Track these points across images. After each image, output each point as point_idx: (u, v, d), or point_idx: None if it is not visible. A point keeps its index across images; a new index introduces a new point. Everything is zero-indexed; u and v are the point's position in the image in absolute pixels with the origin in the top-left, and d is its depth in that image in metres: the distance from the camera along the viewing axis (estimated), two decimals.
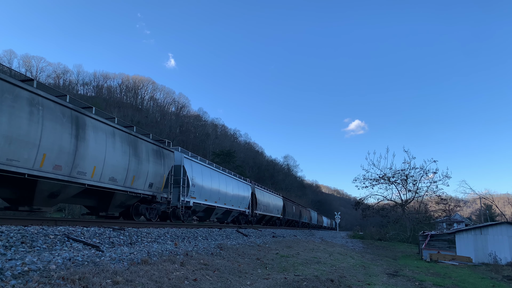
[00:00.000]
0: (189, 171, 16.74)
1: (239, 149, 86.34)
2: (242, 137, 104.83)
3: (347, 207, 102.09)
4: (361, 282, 8.06)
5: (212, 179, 19.57)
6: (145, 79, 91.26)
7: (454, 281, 10.27)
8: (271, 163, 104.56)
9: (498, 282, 11.29)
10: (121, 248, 7.27)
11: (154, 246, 8.27)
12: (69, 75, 79.44)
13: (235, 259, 8.83)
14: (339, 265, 11.00)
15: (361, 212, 40.57)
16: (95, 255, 5.99)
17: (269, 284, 6.52)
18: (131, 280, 4.89)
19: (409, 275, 10.78)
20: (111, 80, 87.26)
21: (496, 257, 17.06)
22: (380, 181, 38.41)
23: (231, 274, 6.93)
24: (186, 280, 5.65)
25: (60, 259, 5.23)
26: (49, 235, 6.54)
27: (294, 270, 8.67)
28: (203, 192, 18.13)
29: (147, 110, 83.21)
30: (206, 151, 68.15)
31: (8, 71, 9.15)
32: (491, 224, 18.62)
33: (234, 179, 23.67)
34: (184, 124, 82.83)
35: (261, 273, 7.71)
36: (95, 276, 4.66)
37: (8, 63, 62.95)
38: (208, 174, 19.10)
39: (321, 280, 7.04)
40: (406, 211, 37.24)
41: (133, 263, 5.95)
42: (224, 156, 61.00)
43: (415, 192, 37.25)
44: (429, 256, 17.61)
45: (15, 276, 4.18)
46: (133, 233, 9.00)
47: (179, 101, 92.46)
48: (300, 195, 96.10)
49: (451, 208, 38.73)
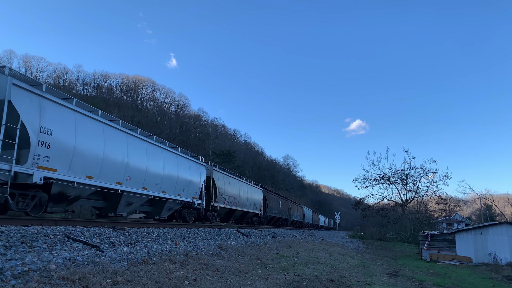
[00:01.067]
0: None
1: (239, 149, 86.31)
2: (242, 137, 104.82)
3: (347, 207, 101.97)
4: (361, 282, 8.06)
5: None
6: (145, 79, 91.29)
7: (454, 281, 10.27)
8: (271, 163, 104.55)
9: (498, 282, 11.29)
10: (121, 248, 7.27)
11: (154, 246, 8.27)
12: (69, 75, 79.43)
13: (235, 259, 8.83)
14: (339, 265, 11.00)
15: (361, 212, 40.57)
16: (95, 255, 5.99)
17: (269, 284, 6.52)
18: (131, 280, 4.89)
19: (409, 275, 10.78)
20: (111, 80, 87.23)
21: (496, 257, 17.06)
22: (380, 181, 38.46)
23: (231, 274, 6.93)
24: (186, 280, 5.65)
25: (60, 259, 5.23)
26: (49, 235, 6.54)
27: (294, 270, 8.67)
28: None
29: (147, 110, 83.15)
30: (206, 151, 68.12)
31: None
32: (491, 224, 18.62)
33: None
34: (184, 124, 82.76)
35: (261, 273, 7.71)
36: (95, 276, 4.66)
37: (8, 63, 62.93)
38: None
39: (321, 280, 7.04)
40: (406, 211, 37.24)
41: (133, 263, 5.95)
42: (224, 156, 60.98)
43: (415, 192, 37.29)
44: (429, 256, 17.61)
45: (15, 276, 4.18)
46: (133, 233, 9.00)
47: (179, 101, 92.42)
48: (300, 195, 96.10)
49: (451, 208, 38.73)
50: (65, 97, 10.32)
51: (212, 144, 77.03)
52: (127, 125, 13.07)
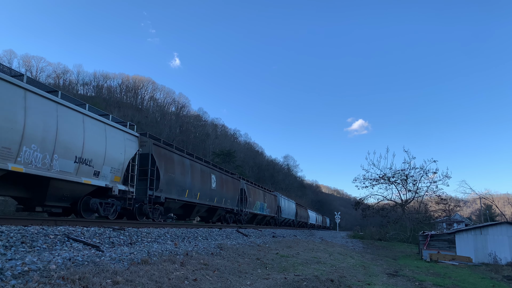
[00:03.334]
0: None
1: (239, 149, 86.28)
2: (242, 137, 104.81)
3: (347, 207, 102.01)
4: (361, 282, 8.06)
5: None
6: (145, 79, 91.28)
7: (454, 281, 10.27)
8: (271, 163, 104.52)
9: (498, 282, 11.29)
10: (121, 248, 7.27)
11: (154, 246, 8.26)
12: (69, 75, 79.40)
13: (235, 259, 8.82)
14: (339, 265, 11.00)
15: (361, 212, 40.58)
16: (95, 255, 5.99)
17: (269, 284, 6.52)
18: (131, 280, 4.89)
19: (409, 275, 10.79)
20: (111, 80, 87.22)
21: (496, 257, 17.06)
22: (380, 181, 38.47)
23: (231, 274, 6.93)
24: (186, 280, 5.65)
25: (60, 259, 5.23)
26: (49, 235, 6.54)
27: (294, 270, 8.67)
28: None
29: (147, 110, 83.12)
30: (206, 151, 68.13)
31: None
32: (491, 224, 18.63)
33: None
34: (184, 124, 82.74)
35: (261, 273, 7.71)
36: (95, 276, 4.66)
37: (8, 63, 62.89)
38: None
39: (321, 280, 7.04)
40: (406, 211, 37.26)
41: (133, 263, 5.95)
42: (224, 156, 60.99)
43: (415, 192, 37.30)
44: (429, 256, 17.61)
45: (15, 276, 4.18)
46: (133, 233, 9.00)
47: (179, 101, 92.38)
48: (300, 195, 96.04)
49: (451, 208, 38.74)
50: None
51: (212, 144, 77.04)
52: None
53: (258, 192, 29.07)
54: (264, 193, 30.84)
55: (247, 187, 25.80)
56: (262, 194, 29.91)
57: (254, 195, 27.32)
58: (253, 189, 27.68)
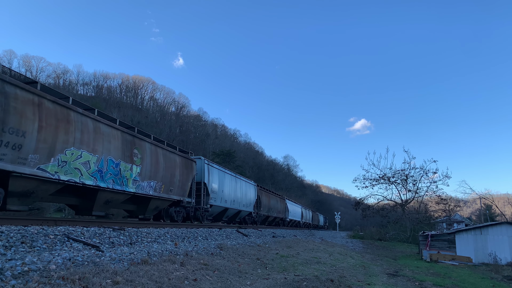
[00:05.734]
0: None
1: (239, 149, 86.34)
2: (242, 137, 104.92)
3: (347, 207, 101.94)
4: (361, 282, 8.06)
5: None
6: (145, 79, 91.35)
7: (454, 281, 10.27)
8: (271, 163, 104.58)
9: (498, 282, 11.29)
10: (121, 248, 7.27)
11: (154, 246, 8.26)
12: (69, 75, 79.46)
13: (235, 259, 8.82)
14: (339, 265, 11.00)
15: (361, 212, 40.54)
16: (95, 255, 5.99)
17: (269, 284, 6.52)
18: (131, 280, 4.89)
19: (409, 275, 10.78)
20: (111, 80, 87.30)
21: (496, 257, 17.06)
22: (380, 181, 38.43)
23: (231, 274, 6.93)
24: (186, 280, 5.65)
25: (60, 259, 5.23)
26: (49, 235, 6.54)
27: (294, 270, 8.66)
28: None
29: (147, 110, 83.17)
30: (206, 151, 68.08)
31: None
32: (491, 224, 18.61)
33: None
34: (184, 124, 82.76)
35: (261, 273, 7.71)
36: (95, 276, 4.66)
37: (8, 63, 62.95)
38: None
39: (321, 280, 7.03)
40: (406, 211, 37.23)
41: (133, 263, 5.95)
42: (224, 156, 61.01)
43: (415, 192, 37.27)
44: (429, 256, 17.61)
45: (15, 276, 4.18)
46: (133, 233, 9.00)
47: (179, 101, 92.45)
48: (300, 195, 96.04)
49: (451, 208, 38.69)
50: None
51: (212, 144, 77.06)
52: None
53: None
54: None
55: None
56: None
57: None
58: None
